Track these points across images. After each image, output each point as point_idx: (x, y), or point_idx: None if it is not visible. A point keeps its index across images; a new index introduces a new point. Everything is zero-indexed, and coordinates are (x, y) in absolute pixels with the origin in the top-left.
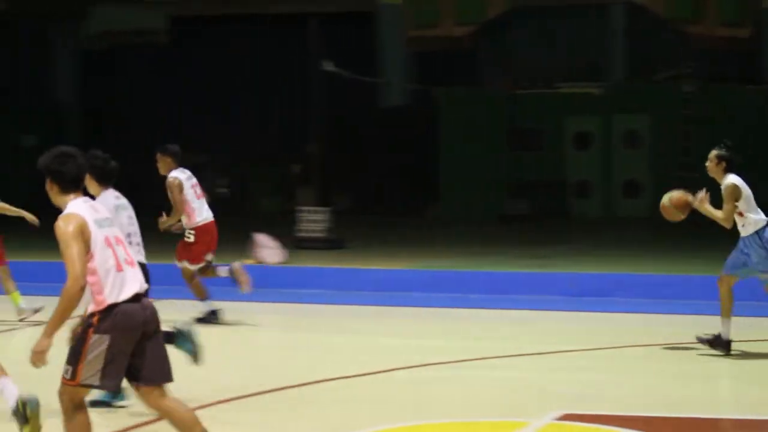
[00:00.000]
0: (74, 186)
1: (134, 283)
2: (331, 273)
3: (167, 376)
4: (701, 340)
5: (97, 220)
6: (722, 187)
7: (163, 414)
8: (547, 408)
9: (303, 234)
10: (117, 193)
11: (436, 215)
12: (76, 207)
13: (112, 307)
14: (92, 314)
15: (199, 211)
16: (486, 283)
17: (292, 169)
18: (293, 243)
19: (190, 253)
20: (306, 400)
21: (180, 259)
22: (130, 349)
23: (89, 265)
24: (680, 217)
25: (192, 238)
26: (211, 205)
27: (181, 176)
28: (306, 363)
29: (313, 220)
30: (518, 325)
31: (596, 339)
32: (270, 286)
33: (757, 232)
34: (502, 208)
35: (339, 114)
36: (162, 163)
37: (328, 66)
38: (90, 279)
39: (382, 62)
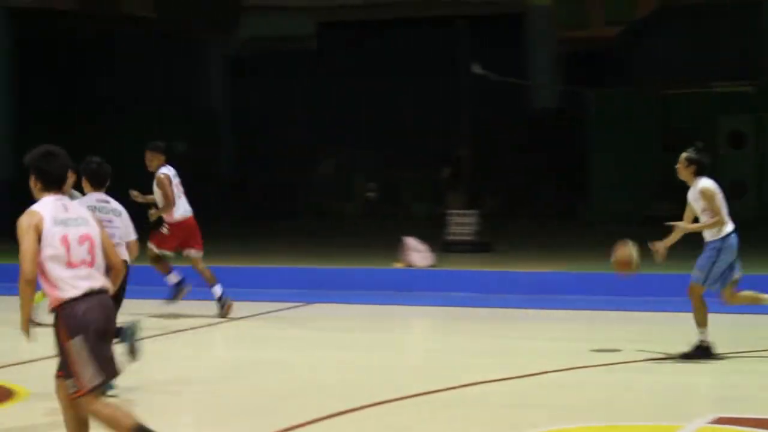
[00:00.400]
0: (56, 185)
1: (88, 281)
2: (479, 276)
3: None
4: (686, 356)
5: (62, 218)
6: (697, 190)
7: (67, 408)
8: (699, 411)
9: (452, 237)
10: (103, 197)
11: (586, 217)
12: (41, 204)
13: (67, 304)
14: (55, 317)
15: (177, 208)
16: (636, 285)
17: (442, 172)
18: (442, 246)
19: (161, 240)
20: (457, 403)
21: (150, 240)
22: (102, 336)
23: (38, 260)
24: (632, 268)
25: (166, 231)
26: (360, 209)
27: (169, 173)
28: (456, 366)
29: (462, 224)
30: (667, 327)
31: (742, 341)
32: (419, 289)
33: (722, 238)
34: (649, 208)
35: (488, 116)
36: (153, 160)
37: (477, 69)
38: (41, 275)
39: (530, 64)
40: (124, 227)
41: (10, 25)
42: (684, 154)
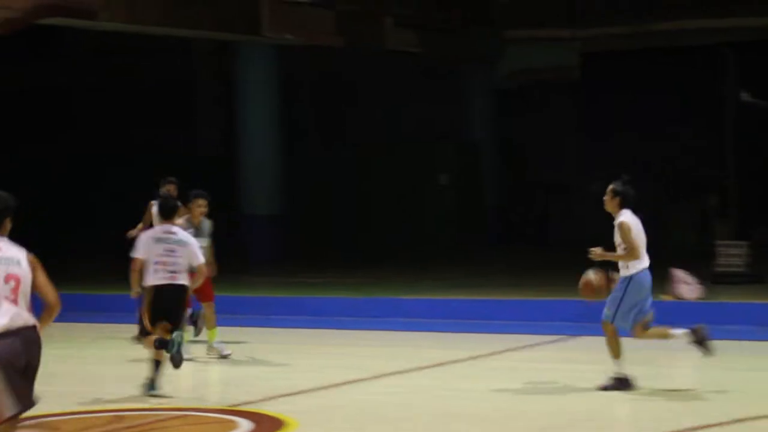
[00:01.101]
0: None
1: (4, 318)
2: (752, 308)
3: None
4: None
5: None
6: (616, 223)
7: None
8: None
9: (721, 269)
10: (169, 228)
11: None
12: None
13: None
14: None
15: None
16: None
17: (708, 202)
18: (711, 278)
19: None
20: None
21: None
22: (20, 370)
23: None
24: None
25: None
26: None
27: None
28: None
29: (732, 254)
30: None
31: None
32: (688, 322)
33: (631, 276)
34: None
35: (754, 144)
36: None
37: (746, 96)
38: None
39: None
40: (186, 256)
41: (278, 62)
42: (610, 186)
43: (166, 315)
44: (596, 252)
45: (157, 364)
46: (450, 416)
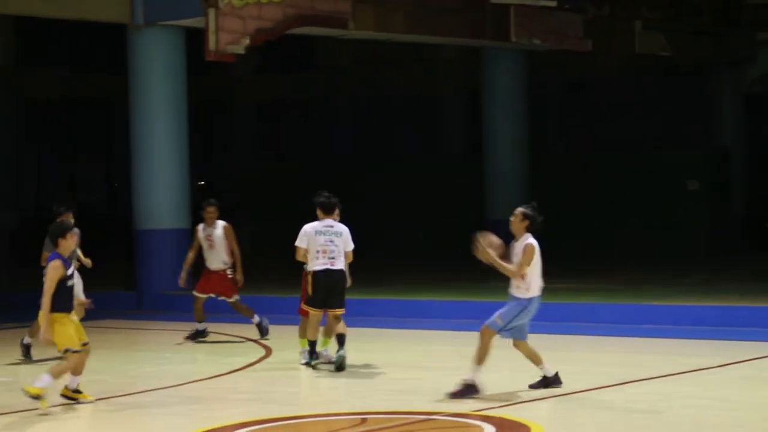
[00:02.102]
0: None
1: None
2: None
3: None
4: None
5: None
6: (522, 244)
7: None
8: None
9: None
10: (329, 222)
11: None
12: None
13: None
14: None
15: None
16: None
17: None
18: None
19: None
20: None
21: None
22: None
23: None
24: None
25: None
26: None
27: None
28: None
29: None
30: None
31: None
32: None
33: (530, 299)
34: None
35: None
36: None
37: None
38: None
39: None
40: (342, 244)
41: (525, 67)
42: (520, 209)
43: (327, 296)
44: (486, 251)
45: (313, 344)
46: (703, 425)
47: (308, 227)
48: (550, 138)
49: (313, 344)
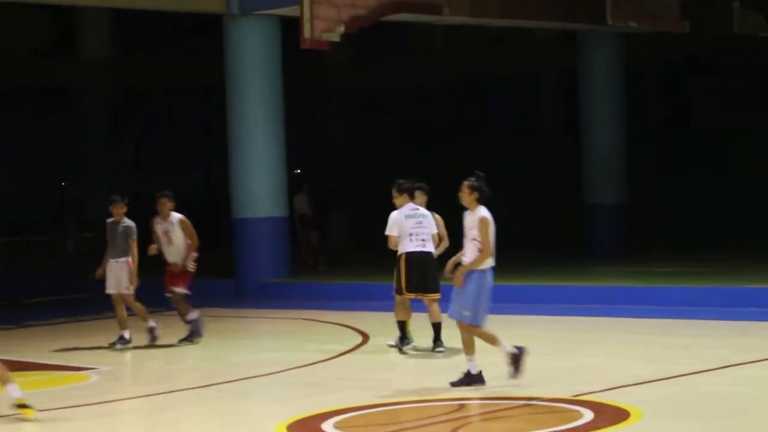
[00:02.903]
0: None
1: None
2: None
3: None
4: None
5: None
6: (475, 218)
7: None
8: None
9: None
10: (413, 206)
11: None
12: None
13: None
14: None
15: None
16: None
17: None
18: None
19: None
20: None
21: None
22: None
23: None
24: None
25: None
26: None
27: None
28: None
29: None
30: None
31: None
32: None
33: (483, 270)
34: None
35: None
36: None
37: None
38: None
39: None
40: (429, 226)
41: (622, 50)
42: (466, 182)
43: (421, 279)
44: (453, 275)
45: (402, 326)
46: None
47: (396, 214)
48: (650, 120)
49: (402, 326)
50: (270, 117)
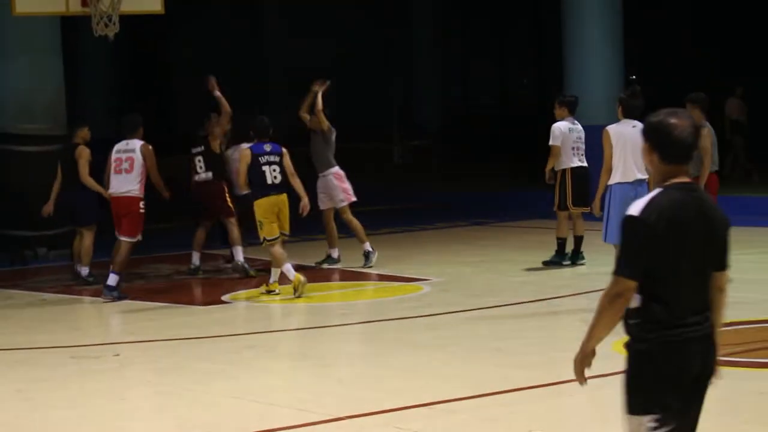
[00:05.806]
0: None
1: None
2: None
3: None
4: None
5: None
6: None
7: None
8: None
9: None
10: (572, 119)
11: None
12: None
13: None
14: None
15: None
16: None
17: None
18: None
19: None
20: None
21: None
22: None
23: None
24: None
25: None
26: None
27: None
28: None
29: None
30: None
31: None
32: None
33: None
34: None
35: None
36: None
37: None
38: None
39: None
40: (583, 144)
41: None
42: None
43: (583, 193)
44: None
45: (562, 243)
46: None
47: (561, 125)
48: None
49: (562, 243)
50: (607, 31)
